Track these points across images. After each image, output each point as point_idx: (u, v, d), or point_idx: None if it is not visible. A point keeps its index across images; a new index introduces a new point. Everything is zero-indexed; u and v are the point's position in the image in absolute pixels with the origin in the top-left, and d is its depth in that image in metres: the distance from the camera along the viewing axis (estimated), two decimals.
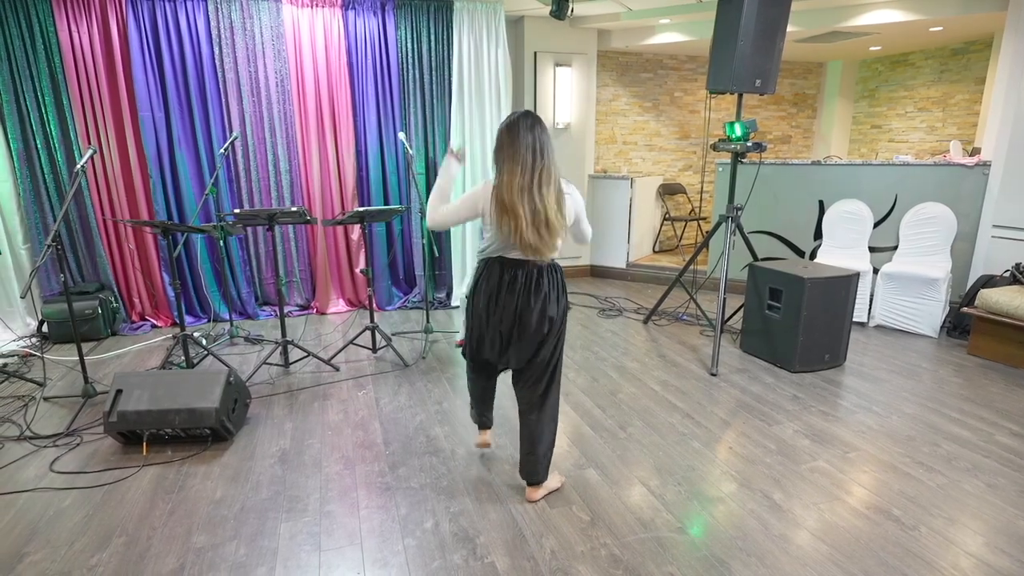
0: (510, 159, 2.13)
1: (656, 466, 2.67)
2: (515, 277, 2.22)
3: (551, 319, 2.26)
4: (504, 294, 2.24)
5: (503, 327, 2.27)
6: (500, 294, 2.24)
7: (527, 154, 2.12)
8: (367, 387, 3.58)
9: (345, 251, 5.17)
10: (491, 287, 2.26)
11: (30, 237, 4.40)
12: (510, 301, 2.23)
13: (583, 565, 2.03)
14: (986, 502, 2.39)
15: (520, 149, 2.12)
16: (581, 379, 3.69)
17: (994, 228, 4.45)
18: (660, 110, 7.17)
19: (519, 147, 2.12)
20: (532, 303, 2.22)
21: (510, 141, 2.14)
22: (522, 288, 2.22)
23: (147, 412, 2.74)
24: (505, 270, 2.24)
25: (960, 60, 6.29)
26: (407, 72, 4.98)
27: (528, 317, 2.23)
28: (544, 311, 2.24)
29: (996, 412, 3.19)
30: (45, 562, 2.06)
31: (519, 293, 2.22)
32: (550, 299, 2.25)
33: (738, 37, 3.69)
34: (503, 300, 2.24)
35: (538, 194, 2.12)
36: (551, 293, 2.26)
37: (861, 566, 2.02)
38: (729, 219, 4.14)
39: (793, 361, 3.75)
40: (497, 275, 2.25)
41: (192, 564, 2.05)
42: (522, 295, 2.22)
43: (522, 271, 2.22)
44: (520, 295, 2.22)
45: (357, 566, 2.04)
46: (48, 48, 4.14)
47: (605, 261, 6.54)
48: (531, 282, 2.22)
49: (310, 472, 2.64)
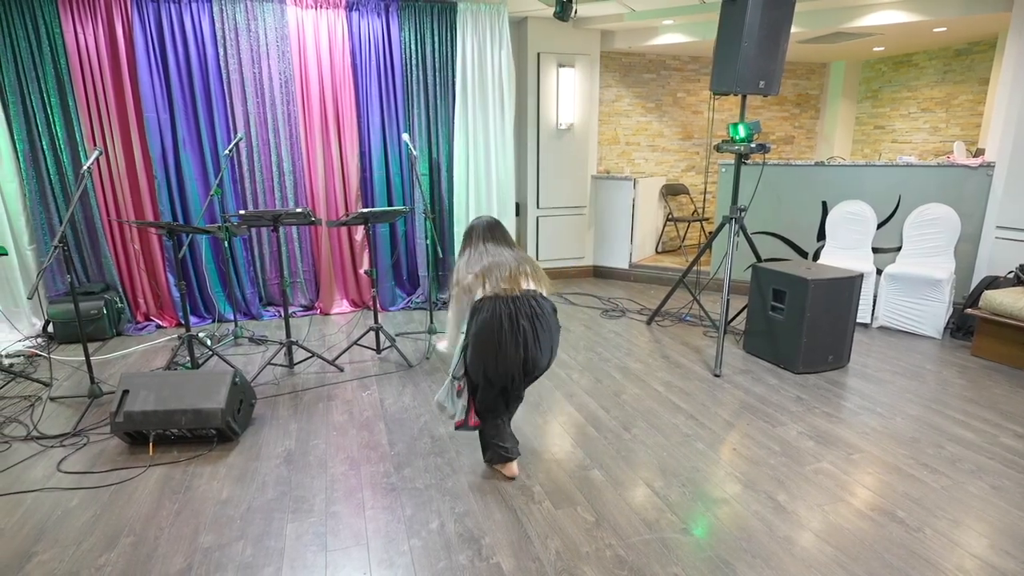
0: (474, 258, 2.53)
1: (660, 467, 2.68)
2: (512, 313, 2.38)
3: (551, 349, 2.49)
4: (506, 329, 2.37)
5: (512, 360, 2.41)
6: (502, 329, 2.37)
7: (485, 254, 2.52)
8: (371, 388, 3.59)
9: (349, 252, 5.18)
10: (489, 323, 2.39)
11: (36, 238, 4.42)
12: (513, 336, 2.37)
13: (588, 566, 2.04)
14: (990, 504, 2.39)
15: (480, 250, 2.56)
16: (585, 380, 3.70)
17: (998, 229, 4.44)
18: (663, 111, 7.17)
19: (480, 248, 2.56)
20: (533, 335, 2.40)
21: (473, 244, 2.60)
22: (519, 320, 2.39)
23: (153, 412, 2.75)
24: (499, 305, 2.38)
25: (964, 61, 6.28)
26: (411, 73, 5.00)
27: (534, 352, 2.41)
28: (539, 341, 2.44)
29: (1000, 414, 3.19)
30: (53, 562, 2.07)
31: (519, 327, 2.38)
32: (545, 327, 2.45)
33: (742, 38, 3.69)
34: (505, 335, 2.37)
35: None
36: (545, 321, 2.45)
37: (865, 568, 2.02)
38: (733, 220, 4.15)
39: (797, 362, 3.75)
40: (490, 312, 2.39)
41: (199, 564, 2.06)
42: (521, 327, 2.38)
43: (515, 304, 2.39)
44: (519, 328, 2.38)
45: (363, 566, 2.05)
46: (54, 50, 4.16)
47: (608, 262, 6.55)
48: (528, 311, 2.41)
49: (316, 473, 2.65)
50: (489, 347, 2.35)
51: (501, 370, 2.39)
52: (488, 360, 2.38)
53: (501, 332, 2.34)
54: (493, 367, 2.39)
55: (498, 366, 2.38)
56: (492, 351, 2.36)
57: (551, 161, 6.12)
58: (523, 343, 2.36)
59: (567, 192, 6.27)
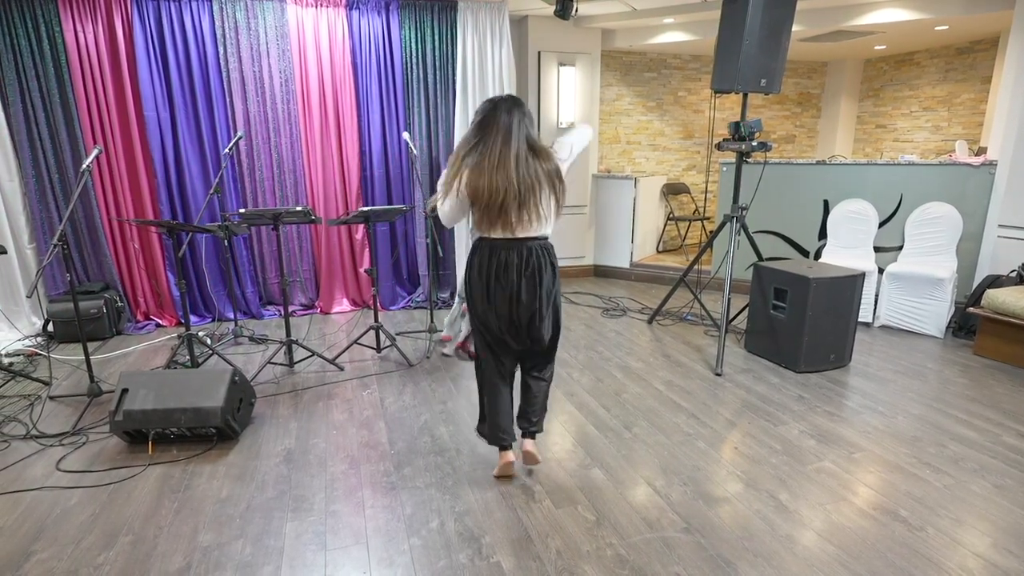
0: (481, 142, 2.23)
1: (661, 466, 2.67)
2: (507, 260, 2.27)
3: (548, 295, 2.35)
4: (500, 278, 2.28)
5: (503, 312, 2.32)
6: (494, 279, 2.28)
7: (497, 136, 2.21)
8: (372, 387, 3.58)
9: (349, 251, 5.17)
10: (485, 271, 2.30)
11: (36, 236, 4.42)
12: (505, 285, 2.28)
13: (589, 565, 2.03)
14: (993, 503, 2.38)
15: (492, 133, 2.22)
16: (586, 379, 3.69)
17: (1000, 228, 4.43)
18: (664, 110, 7.16)
19: (491, 130, 2.23)
20: (528, 286, 2.30)
21: (483, 124, 2.25)
22: (516, 271, 2.28)
23: (153, 411, 2.74)
24: (494, 252, 2.28)
25: (966, 59, 6.26)
26: (411, 72, 4.99)
27: (527, 299, 2.31)
28: (537, 293, 2.32)
29: (1003, 413, 3.18)
30: (52, 560, 2.07)
31: (514, 276, 2.27)
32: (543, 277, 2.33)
33: (743, 36, 3.68)
34: (498, 286, 2.28)
35: (514, 167, 2.22)
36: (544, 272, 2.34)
37: (868, 567, 2.01)
38: (734, 219, 4.14)
39: (798, 361, 3.74)
40: (487, 257, 2.29)
41: (198, 563, 2.06)
42: (517, 278, 2.28)
43: (514, 251, 2.27)
44: (515, 279, 2.28)
45: (363, 565, 2.05)
46: (54, 48, 4.15)
47: (609, 261, 6.53)
48: (523, 262, 2.29)
49: (315, 471, 2.64)
50: (479, 299, 2.32)
51: (494, 324, 2.36)
52: (479, 310, 2.36)
53: (493, 284, 2.28)
54: (484, 317, 2.36)
55: (489, 320, 2.35)
56: (482, 303, 2.33)
57: None
58: (514, 300, 2.29)
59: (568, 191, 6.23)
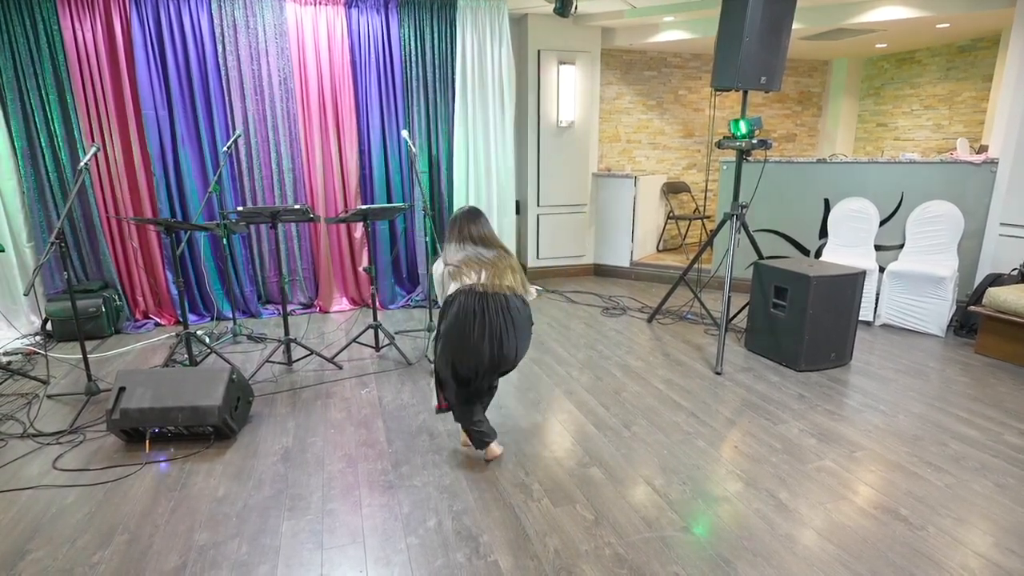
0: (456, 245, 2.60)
1: (661, 465, 2.65)
2: (484, 306, 2.42)
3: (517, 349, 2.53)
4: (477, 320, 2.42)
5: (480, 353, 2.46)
6: (473, 321, 2.42)
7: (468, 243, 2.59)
8: (370, 385, 3.57)
9: (348, 249, 5.16)
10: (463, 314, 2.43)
11: (34, 235, 4.40)
12: (483, 327, 2.42)
13: (587, 564, 2.02)
14: (995, 502, 2.36)
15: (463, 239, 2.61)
16: (585, 378, 3.67)
17: (1001, 226, 4.41)
18: (664, 108, 7.14)
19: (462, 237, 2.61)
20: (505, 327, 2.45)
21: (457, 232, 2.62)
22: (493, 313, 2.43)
23: (150, 410, 2.73)
24: (469, 299, 2.43)
25: (967, 57, 6.24)
26: (410, 70, 4.97)
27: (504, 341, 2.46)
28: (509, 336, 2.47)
29: (1004, 411, 3.16)
30: (47, 559, 2.05)
31: (490, 318, 2.42)
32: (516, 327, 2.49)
33: (743, 34, 3.67)
34: (476, 328, 2.41)
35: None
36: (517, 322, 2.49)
37: (868, 566, 2.00)
38: (734, 217, 4.12)
39: (798, 360, 3.73)
40: (465, 303, 2.42)
41: (194, 562, 2.04)
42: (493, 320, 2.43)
43: (485, 299, 2.43)
44: (491, 320, 2.42)
45: (360, 564, 2.03)
46: (52, 46, 4.14)
47: (609, 260, 6.52)
48: (500, 306, 2.44)
49: (313, 470, 2.63)
50: (457, 340, 2.43)
51: (468, 362, 2.47)
52: (456, 352, 2.46)
53: (470, 324, 2.40)
54: (460, 359, 2.47)
55: (465, 357, 2.46)
56: (460, 343, 2.43)
57: (551, 159, 6.10)
58: (490, 336, 2.42)
59: (568, 190, 6.24)
